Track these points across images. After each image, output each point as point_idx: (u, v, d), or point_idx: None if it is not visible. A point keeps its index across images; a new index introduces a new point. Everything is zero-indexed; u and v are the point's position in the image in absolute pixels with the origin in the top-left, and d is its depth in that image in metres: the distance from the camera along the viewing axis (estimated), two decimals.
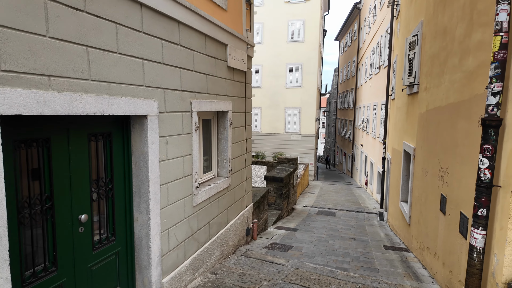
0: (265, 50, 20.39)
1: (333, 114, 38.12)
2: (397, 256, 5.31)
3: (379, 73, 14.15)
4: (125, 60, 2.57)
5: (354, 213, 10.52)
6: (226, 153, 4.54)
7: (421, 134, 5.38)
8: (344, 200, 13.18)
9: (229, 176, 4.59)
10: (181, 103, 3.35)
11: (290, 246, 5.52)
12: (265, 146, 20.71)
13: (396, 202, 7.75)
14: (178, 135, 3.31)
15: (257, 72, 20.68)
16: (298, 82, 20.20)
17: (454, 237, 3.44)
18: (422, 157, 5.19)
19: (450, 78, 3.88)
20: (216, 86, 4.15)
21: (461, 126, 3.41)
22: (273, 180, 8.57)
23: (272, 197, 8.62)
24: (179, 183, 3.35)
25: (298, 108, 20.39)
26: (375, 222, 9.32)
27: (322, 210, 10.49)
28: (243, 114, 5.15)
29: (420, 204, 5.17)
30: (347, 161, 27.23)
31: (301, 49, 19.94)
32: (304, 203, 11.92)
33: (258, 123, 21.04)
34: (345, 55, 30.36)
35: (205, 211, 3.95)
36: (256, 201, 5.97)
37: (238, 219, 5.05)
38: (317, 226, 7.94)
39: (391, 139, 9.77)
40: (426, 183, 4.82)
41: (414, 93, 6.01)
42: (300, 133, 20.53)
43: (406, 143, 6.58)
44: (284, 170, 9.47)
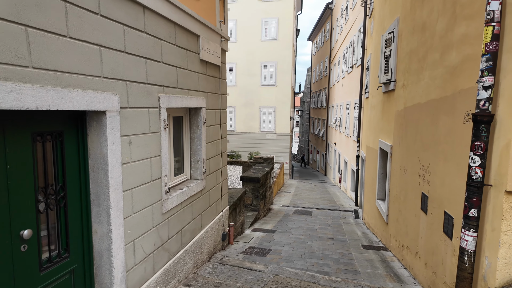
0: (239, 48, 20.07)
1: (306, 113, 38.56)
2: (377, 256, 5.23)
3: (352, 73, 14.31)
4: (78, 46, 2.18)
5: (330, 211, 10.51)
6: (199, 154, 4.21)
7: (398, 132, 5.33)
8: (320, 199, 13.20)
9: (203, 178, 4.26)
10: (148, 98, 2.99)
11: (269, 249, 5.28)
12: (240, 146, 20.41)
13: (372, 200, 7.76)
14: (144, 134, 2.94)
15: (231, 70, 20.32)
16: (273, 80, 20.08)
17: (438, 237, 3.34)
18: (400, 155, 5.14)
19: (430, 74, 3.80)
20: (188, 81, 3.81)
21: (444, 123, 3.32)
22: (249, 181, 8.30)
23: (248, 198, 8.35)
24: (145, 188, 2.98)
25: (273, 107, 20.27)
26: (351, 220, 9.33)
27: (298, 210, 10.38)
28: (217, 111, 4.83)
29: (398, 202, 5.12)
30: (320, 160, 27.57)
31: (275, 48, 19.83)
32: (281, 202, 11.76)
33: (233, 122, 20.70)
34: (318, 55, 30.75)
35: (176, 218, 3.60)
36: (233, 203, 5.67)
37: (213, 224, 4.73)
38: (295, 226, 7.77)
39: (365, 137, 9.84)
40: (405, 181, 4.75)
41: (390, 91, 5.97)
42: (275, 132, 20.44)
43: (382, 141, 6.55)
44: (260, 169, 9.24)
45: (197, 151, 4.21)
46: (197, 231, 4.20)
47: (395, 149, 5.48)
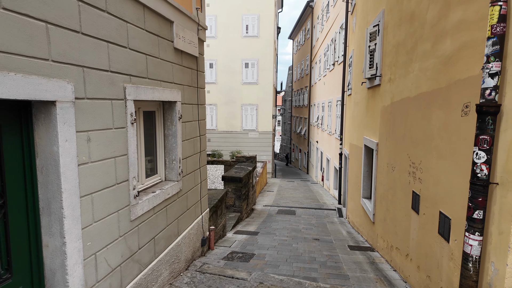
0: (219, 45, 19.64)
1: (288, 112, 38.54)
2: (364, 258, 5.02)
3: (333, 70, 14.22)
4: (14, 20, 1.77)
5: (314, 210, 10.33)
6: (175, 152, 3.82)
7: (385, 128, 5.15)
8: (303, 197, 13.03)
9: (179, 180, 3.88)
10: (111, 87, 2.59)
11: (252, 254, 4.96)
12: (222, 145, 19.99)
13: (356, 199, 7.60)
14: (106, 130, 2.55)
15: (212, 68, 19.85)
16: (254, 78, 19.77)
17: (432, 239, 3.13)
18: (387, 152, 4.95)
19: (420, 66, 3.59)
20: (161, 71, 3.42)
21: (437, 117, 3.11)
22: (231, 181, 7.95)
23: (230, 199, 8.00)
24: (109, 193, 2.59)
25: (255, 105, 19.97)
26: (335, 219, 9.17)
27: (282, 209, 10.13)
28: (195, 106, 4.46)
29: (386, 201, 4.93)
30: (302, 158, 27.56)
31: (256, 45, 19.53)
32: (264, 202, 11.48)
33: (214, 120, 20.24)
34: (299, 53, 30.73)
35: (148, 225, 3.21)
36: (213, 205, 5.31)
37: (191, 229, 4.35)
38: (279, 227, 7.50)
39: (349, 134, 9.71)
40: (394, 179, 4.56)
41: (375, 86, 5.79)
42: (258, 131, 20.16)
43: (367, 138, 6.38)
44: (242, 169, 8.90)
45: (172, 150, 3.82)
46: (173, 237, 3.82)
47: (382, 146, 5.30)
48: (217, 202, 5.50)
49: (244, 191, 8.26)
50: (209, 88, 19.98)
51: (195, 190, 4.48)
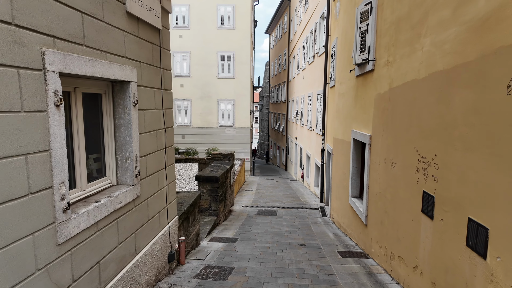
0: (193, 36, 18.59)
1: (266, 108, 37.96)
2: (359, 267, 4.40)
3: (313, 63, 13.67)
4: None
5: (296, 210, 9.71)
6: (129, 148, 2.96)
7: (380, 119, 4.53)
8: (283, 196, 12.41)
9: (136, 183, 3.03)
10: (15, 50, 1.71)
11: (230, 268, 4.19)
12: (197, 142, 18.99)
13: (343, 198, 7.02)
14: (8, 114, 1.67)
15: (185, 60, 18.76)
16: (231, 72, 18.90)
17: (457, 251, 2.51)
18: (384, 146, 4.34)
19: (434, 40, 2.96)
20: (106, 39, 2.56)
21: (463, 99, 2.47)
22: (206, 181, 7.12)
23: (205, 201, 7.17)
24: (15, 208, 1.72)
25: (231, 100, 19.12)
26: (318, 219, 8.58)
27: (262, 210, 9.42)
28: (158, 91, 3.60)
29: (383, 202, 4.32)
30: (281, 155, 27.06)
31: (232, 37, 18.65)
32: (243, 202, 10.73)
33: (189, 116, 19.18)
34: (276, 48, 30.14)
35: (89, 246, 2.36)
36: (184, 211, 4.48)
37: (155, 244, 3.51)
38: (260, 231, 6.77)
39: (332, 129, 9.14)
40: (394, 177, 3.95)
41: (367, 72, 5.17)
42: (235, 127, 19.33)
43: (357, 131, 5.77)
44: (219, 167, 8.09)
45: (125, 145, 2.96)
46: (129, 258, 2.97)
47: (376, 139, 4.69)
48: (188, 207, 4.68)
49: (221, 192, 7.46)
50: (182, 81, 18.90)
51: (159, 195, 3.63)
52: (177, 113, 19.09)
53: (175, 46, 18.65)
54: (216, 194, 7.13)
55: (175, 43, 18.63)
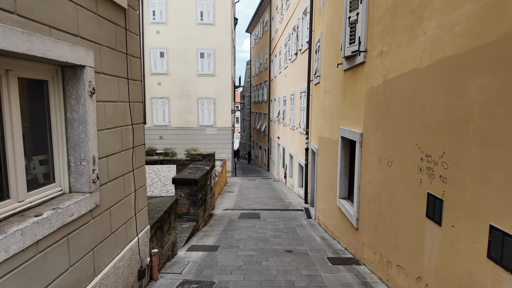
0: (171, 32, 17.87)
1: (247, 108, 37.52)
2: (352, 276, 4.03)
3: (296, 60, 13.37)
4: None
5: (280, 212, 9.32)
6: (85, 148, 2.43)
7: (373, 115, 4.19)
8: (266, 197, 12.00)
9: (94, 190, 2.49)
10: None
11: (211, 283, 3.71)
12: (176, 142, 18.27)
13: (330, 199, 6.69)
14: None
15: (163, 57, 17.99)
16: (211, 70, 18.31)
17: (475, 264, 2.16)
18: (378, 144, 3.99)
19: (441, 22, 2.62)
20: (50, 9, 2.02)
21: (481, 87, 2.13)
22: (184, 184, 6.57)
23: (183, 206, 6.62)
24: None
25: (212, 98, 18.53)
26: (303, 222, 8.23)
27: (245, 213, 8.96)
28: (123, 81, 3.07)
29: (378, 204, 3.97)
30: (263, 155, 26.71)
31: (212, 34, 18.08)
32: (224, 205, 10.22)
33: (167, 115, 18.42)
34: (257, 47, 29.77)
35: (24, 276, 1.82)
36: (157, 220, 3.95)
37: (120, 260, 2.98)
38: (243, 236, 6.31)
39: (317, 127, 8.82)
40: (391, 177, 3.60)
41: (357, 65, 4.83)
42: (216, 126, 18.76)
43: (345, 129, 5.43)
44: (198, 169, 7.55)
45: (79, 144, 2.42)
46: (85, 281, 2.43)
47: (369, 137, 4.34)
48: (162, 215, 4.14)
49: (201, 195, 6.93)
50: (160, 79, 18.13)
51: (125, 203, 3.09)
52: (154, 112, 18.28)
53: (152, 42, 17.87)
54: (195, 198, 6.60)
55: (152, 39, 17.85)
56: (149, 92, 18.15)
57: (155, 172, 13.04)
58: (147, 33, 17.78)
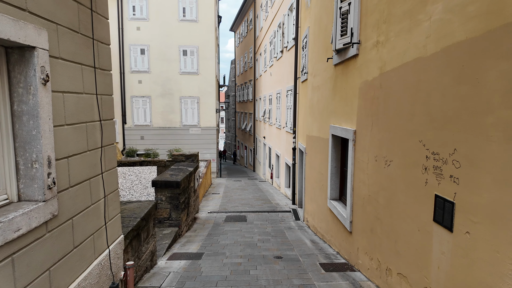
0: (152, 28, 17.25)
1: (232, 107, 37.08)
2: (348, 285, 3.74)
3: (281, 58, 13.09)
4: None
5: (267, 214, 8.99)
6: (37, 147, 2.00)
7: (368, 110, 3.92)
8: (253, 198, 11.65)
9: (50, 198, 2.07)
10: None
11: None
12: (158, 143, 17.65)
13: (319, 200, 6.41)
14: None
15: (143, 54, 17.34)
16: (194, 68, 17.80)
17: (497, 277, 1.89)
18: (374, 141, 3.72)
19: (450, 4, 2.35)
20: None
21: (506, 73, 1.85)
22: (165, 186, 6.13)
23: (164, 211, 6.18)
24: None
25: (196, 97, 18.01)
26: (292, 224, 7.93)
27: (231, 215, 8.58)
28: (89, 70, 2.64)
29: (374, 206, 3.70)
30: (248, 155, 26.36)
31: (195, 30, 17.58)
32: (209, 207, 9.80)
33: (148, 115, 17.77)
34: (241, 46, 29.40)
35: None
36: (133, 228, 3.53)
37: (87, 278, 2.55)
38: (229, 242, 5.94)
39: (304, 126, 8.56)
40: (390, 177, 3.33)
41: (349, 59, 4.56)
42: (200, 126, 18.25)
43: (336, 127, 5.16)
44: (181, 170, 7.12)
45: (30, 142, 2.00)
46: None
47: (363, 134, 4.07)
48: (139, 222, 3.72)
49: (184, 198, 6.51)
50: (141, 77, 17.47)
51: (92, 211, 2.67)
52: (135, 111, 17.59)
53: (132, 39, 17.19)
54: (177, 201, 6.17)
55: (132, 36, 17.18)
56: (129, 90, 17.45)
57: (135, 174, 12.45)
58: (127, 29, 17.08)
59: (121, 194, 10.23)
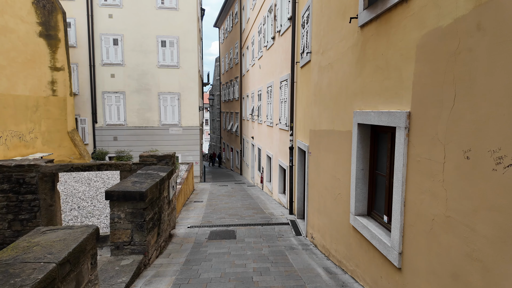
0: (127, 16, 15.39)
1: (217, 108, 35.33)
2: None
3: (273, 46, 11.56)
4: None
5: (261, 227, 7.37)
6: None
7: (441, 76, 2.38)
8: (242, 207, 10.00)
9: None
10: None
11: None
12: (134, 144, 15.74)
13: (334, 213, 4.86)
14: None
15: (117, 44, 15.44)
16: (174, 60, 16.02)
17: None
18: (460, 126, 2.18)
19: None
20: None
21: None
22: (124, 199, 4.41)
23: (123, 232, 4.46)
24: None
25: (176, 93, 16.22)
26: (293, 241, 6.35)
27: (216, 231, 6.92)
28: None
29: (465, 235, 2.17)
30: (235, 157, 24.68)
31: (175, 19, 15.83)
32: (189, 220, 8.09)
33: (122, 113, 15.83)
34: (226, 42, 27.80)
35: None
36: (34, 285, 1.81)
37: None
38: (214, 275, 4.29)
39: (306, 119, 7.02)
40: (509, 188, 1.78)
41: (395, 5, 3.03)
42: (181, 126, 16.45)
43: (367, 112, 3.62)
44: (149, 176, 5.40)
45: None
46: None
47: (430, 116, 2.54)
48: (51, 273, 2.01)
49: (151, 214, 4.79)
50: (113, 71, 15.55)
51: None
52: (107, 109, 15.63)
53: (103, 27, 15.26)
54: (142, 219, 4.46)
55: (104, 24, 15.25)
56: (100, 85, 15.48)
57: (103, 180, 10.57)
58: (97, 17, 15.15)
59: (82, 205, 8.37)
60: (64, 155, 13.43)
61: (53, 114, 13.09)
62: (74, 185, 10.03)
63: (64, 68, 13.23)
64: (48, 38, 12.73)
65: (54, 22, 12.84)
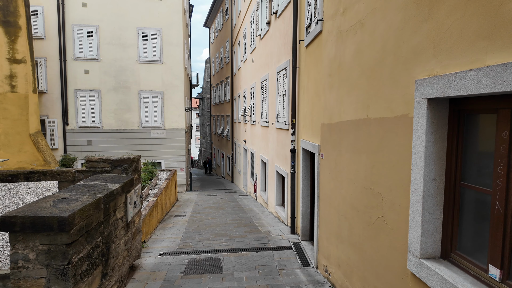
0: (103, 5, 13.67)
1: (207, 111, 33.61)
2: None
3: (268, 32, 9.99)
4: None
5: (256, 254, 5.65)
6: None
7: None
8: (232, 223, 8.26)
9: None
10: None
11: None
12: (111, 149, 13.89)
13: (369, 247, 3.19)
14: None
15: (91, 37, 13.67)
16: (157, 55, 14.32)
17: None
18: None
19: None
20: None
21: None
22: (33, 229, 2.66)
23: (33, 284, 2.68)
24: None
25: (159, 92, 14.48)
26: (300, 276, 4.67)
27: (196, 260, 5.17)
28: None
29: None
30: (226, 164, 22.92)
31: (158, 9, 14.17)
32: (163, 244, 6.31)
33: (97, 114, 13.99)
34: (217, 41, 26.27)
35: None
36: None
37: None
38: None
39: (315, 112, 5.39)
40: None
41: None
42: (164, 128, 14.67)
43: (456, 76, 1.96)
44: (91, 189, 3.63)
45: None
46: None
47: None
48: None
49: (85, 250, 3.03)
50: (87, 66, 13.75)
51: None
52: (80, 109, 13.78)
53: (76, 17, 13.50)
54: (65, 261, 2.70)
55: (77, 14, 13.50)
56: (72, 82, 13.65)
57: (47, 190, 8.72)
58: (69, 5, 13.39)
59: None
60: (25, 162, 11.51)
61: (12, 113, 11.22)
62: (25, 197, 8.16)
63: (26, 60, 11.39)
64: (6, 25, 10.92)
65: (14, 7, 11.04)
